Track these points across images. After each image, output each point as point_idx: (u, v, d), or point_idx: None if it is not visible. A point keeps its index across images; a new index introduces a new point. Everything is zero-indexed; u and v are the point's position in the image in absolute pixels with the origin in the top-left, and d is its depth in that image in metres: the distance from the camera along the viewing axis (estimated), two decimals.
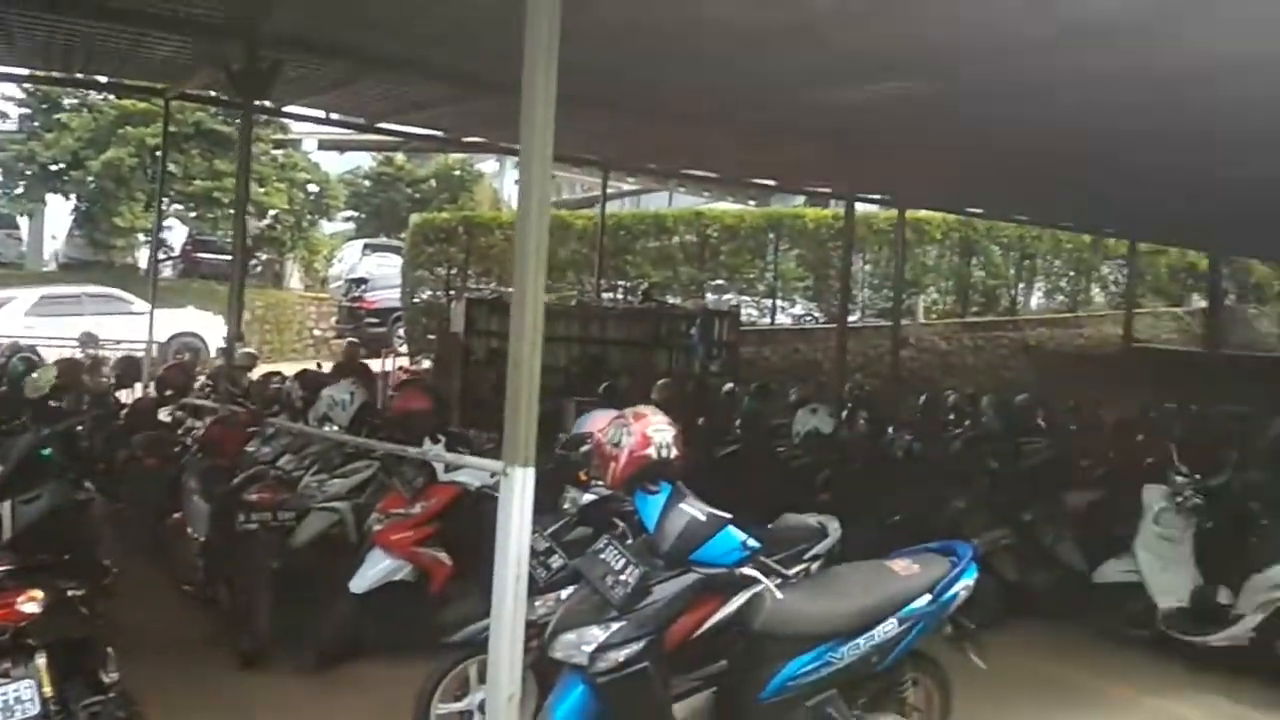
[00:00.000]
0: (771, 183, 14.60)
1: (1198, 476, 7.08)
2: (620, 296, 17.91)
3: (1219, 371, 16.07)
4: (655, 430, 4.18)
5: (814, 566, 5.03)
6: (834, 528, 5.28)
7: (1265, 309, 23.04)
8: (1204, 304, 21.14)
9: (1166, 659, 6.69)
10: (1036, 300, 21.98)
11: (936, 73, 7.86)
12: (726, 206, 20.39)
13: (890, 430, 10.83)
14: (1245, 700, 6.02)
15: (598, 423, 4.85)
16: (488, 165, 30.43)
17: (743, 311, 17.90)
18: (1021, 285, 21.57)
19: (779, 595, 3.95)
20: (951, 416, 13.97)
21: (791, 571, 4.75)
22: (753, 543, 4.04)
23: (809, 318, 19.51)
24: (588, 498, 4.74)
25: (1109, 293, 22.15)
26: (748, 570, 3.99)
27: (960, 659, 4.49)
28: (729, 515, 4.06)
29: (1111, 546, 7.36)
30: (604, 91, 9.23)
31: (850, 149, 10.86)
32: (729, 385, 13.67)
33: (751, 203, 21.57)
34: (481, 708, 4.13)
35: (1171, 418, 14.91)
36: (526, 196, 3.76)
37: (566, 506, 4.83)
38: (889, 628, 4.12)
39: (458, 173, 28.99)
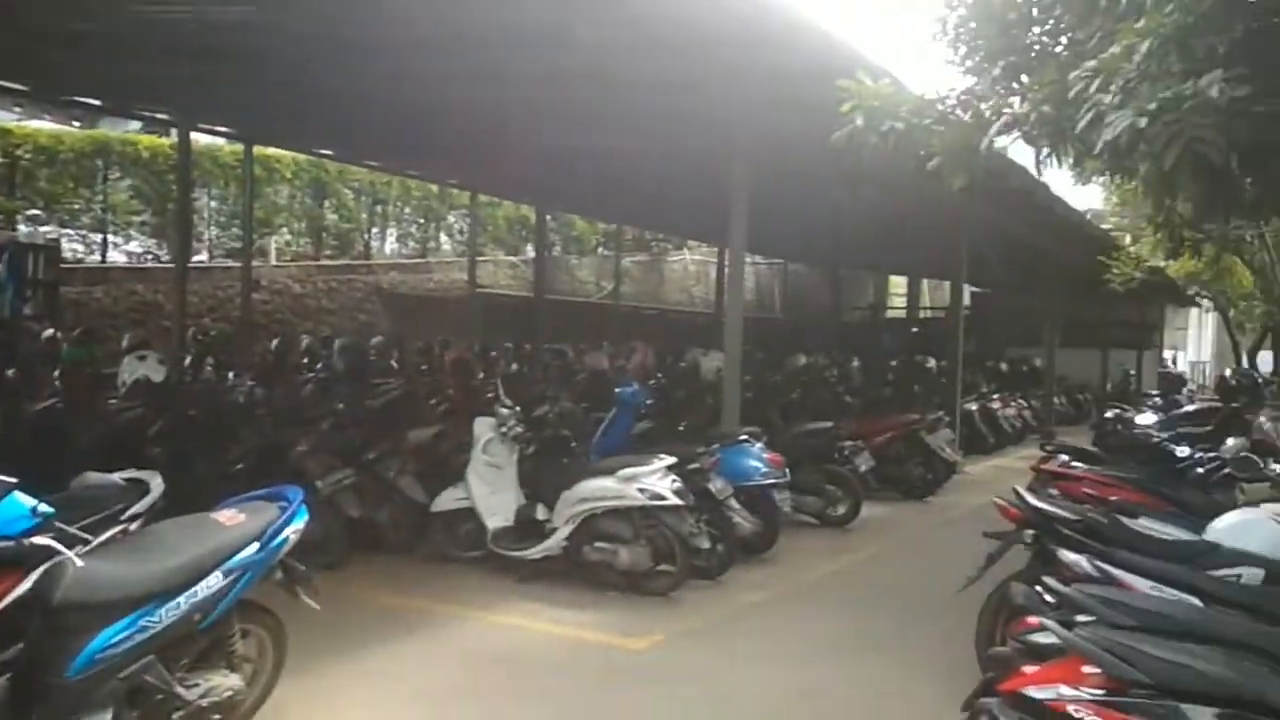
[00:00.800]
0: (97, 102, 12.85)
1: (518, 409, 7.82)
2: None
3: (547, 315, 18.07)
4: None
5: (133, 526, 4.58)
6: (156, 484, 4.85)
7: (584, 259, 26.50)
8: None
9: (498, 576, 7.33)
10: (390, 245, 22.61)
11: (280, 5, 7.54)
12: (42, 125, 17.57)
13: (232, 376, 10.34)
14: (561, 604, 6.80)
15: None
16: None
17: (67, 247, 15.74)
18: (375, 230, 22.01)
19: (79, 563, 3.48)
20: (305, 360, 13.85)
21: (106, 535, 4.30)
22: (45, 508, 3.53)
23: (148, 256, 17.77)
24: None
25: (455, 241, 23.58)
26: (39, 540, 3.45)
27: (294, 601, 4.44)
28: (13, 480, 3.49)
29: (448, 477, 7.87)
30: None
31: (187, 73, 9.98)
32: (49, 331, 12.00)
33: (76, 124, 18.88)
34: None
35: (504, 356, 16.50)
36: None
37: None
38: (213, 582, 3.90)
39: None
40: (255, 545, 4.06)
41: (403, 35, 7.69)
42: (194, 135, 14.00)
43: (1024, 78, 5.44)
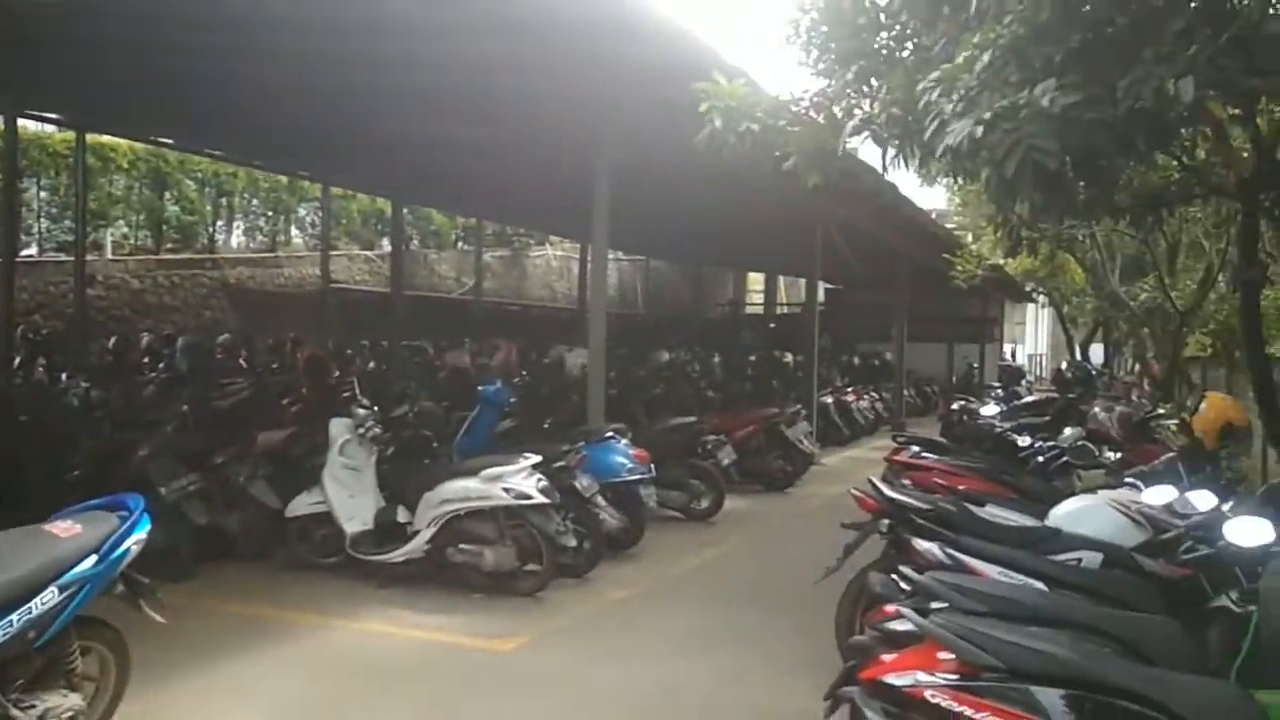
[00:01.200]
0: None
1: (375, 409, 7.61)
2: None
3: (406, 311, 17.65)
4: None
5: None
6: None
7: (444, 254, 26.02)
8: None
9: (358, 582, 7.13)
10: (236, 239, 21.65)
11: None
12: None
13: (66, 377, 9.73)
14: (425, 608, 6.67)
15: None
16: None
17: None
18: (220, 223, 21.03)
19: None
20: (146, 360, 13.18)
21: None
22: None
23: None
24: None
25: (307, 234, 22.79)
26: None
27: (138, 615, 4.20)
28: None
29: (303, 480, 7.60)
30: None
31: (13, 56, 9.28)
32: None
33: None
34: None
35: (361, 354, 16.08)
36: None
37: None
38: (48, 597, 3.68)
39: None
40: (93, 558, 3.83)
41: (241, 15, 7.33)
42: (21, 122, 13.07)
43: (874, 81, 5.60)
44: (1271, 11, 3.71)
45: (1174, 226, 12.03)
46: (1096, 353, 22.20)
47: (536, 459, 7.03)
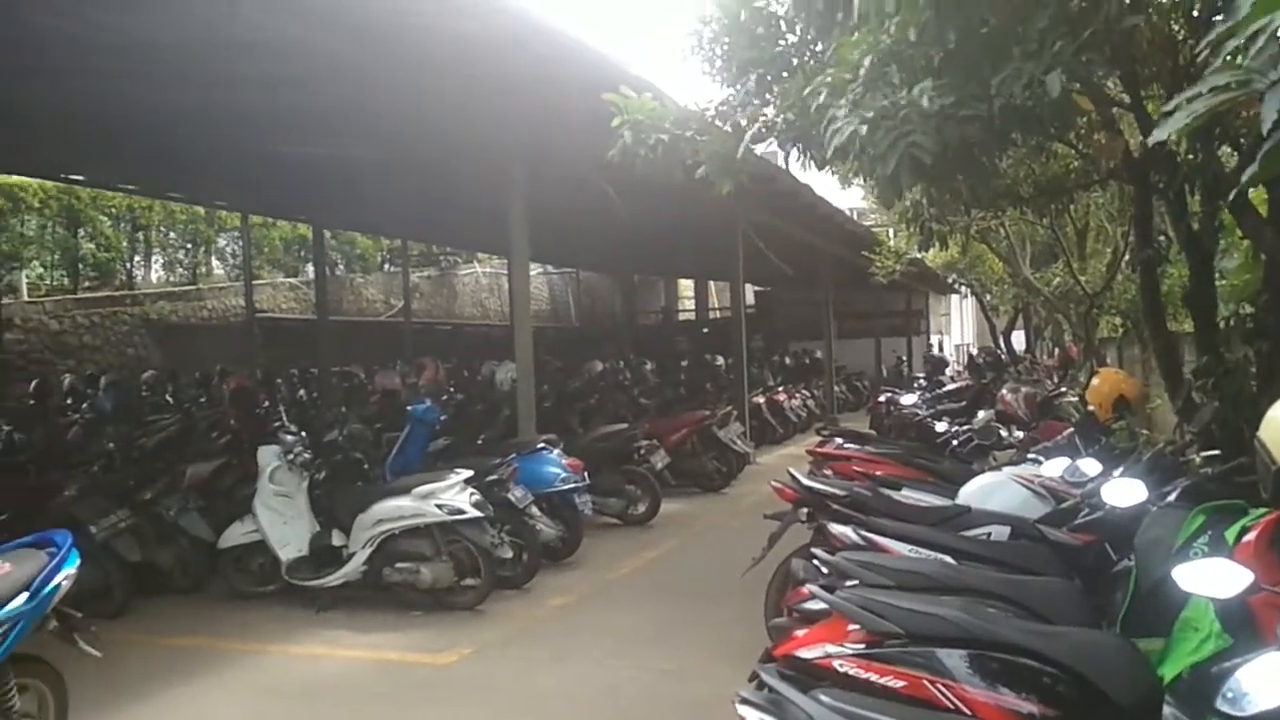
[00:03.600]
0: None
1: (305, 435, 7.62)
2: None
3: (334, 337, 17.51)
4: None
5: None
6: None
7: (370, 277, 25.83)
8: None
9: (296, 608, 7.14)
10: (156, 274, 21.27)
11: None
12: None
13: None
14: (365, 628, 6.71)
15: None
16: None
17: None
18: (138, 258, 20.64)
19: None
20: (69, 400, 12.96)
21: None
22: None
23: None
24: None
25: (228, 264, 22.47)
26: None
27: (75, 652, 4.21)
28: None
29: (235, 511, 7.58)
30: None
31: None
32: None
33: None
34: None
35: (289, 382, 15.94)
36: None
37: None
38: None
39: None
40: (24, 595, 3.85)
41: (144, 41, 7.30)
42: None
43: (775, 88, 5.81)
44: (1127, 2, 3.97)
45: (1080, 212, 12.50)
46: (1019, 339, 22.82)
47: (468, 474, 7.11)
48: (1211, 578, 2.42)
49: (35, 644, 4.14)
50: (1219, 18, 3.40)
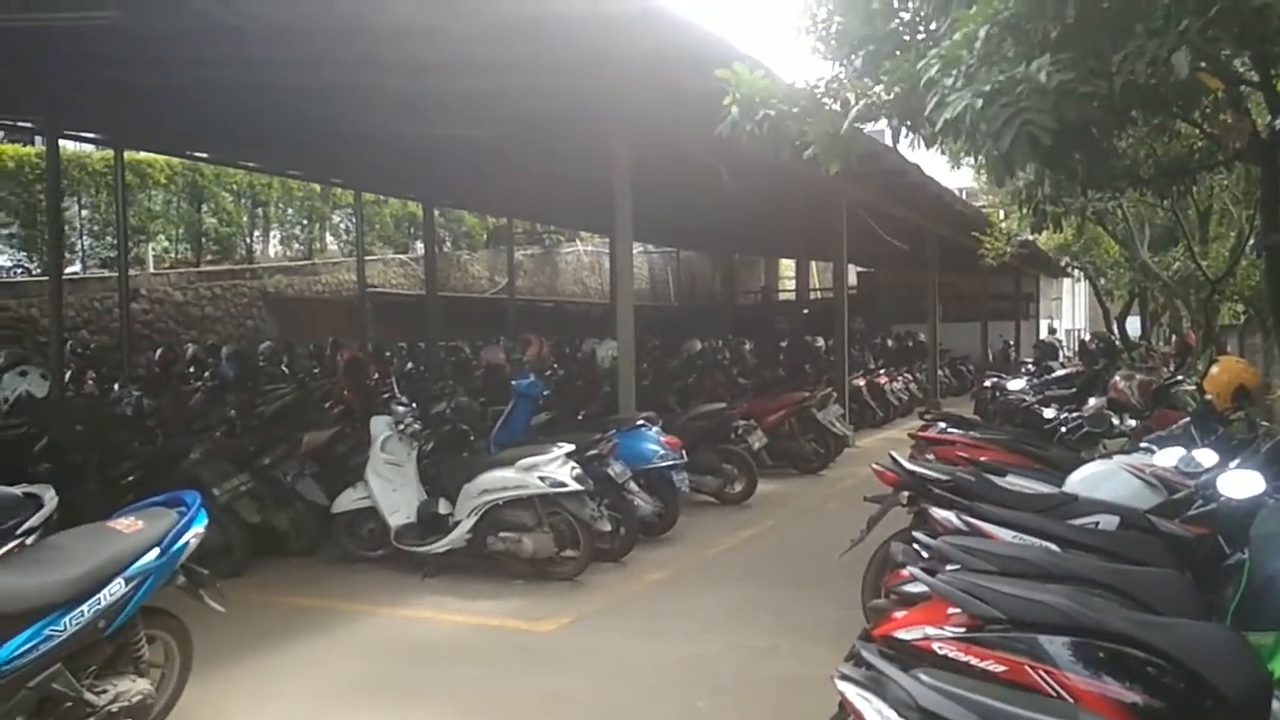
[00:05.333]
0: None
1: (414, 406, 7.86)
2: None
3: (441, 312, 17.94)
4: None
5: (30, 540, 4.52)
6: (49, 497, 4.76)
7: (476, 254, 26.35)
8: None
9: (404, 573, 7.40)
10: (274, 248, 22.09)
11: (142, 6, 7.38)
12: None
13: (117, 388, 10.11)
14: (468, 595, 6.91)
15: None
16: None
17: None
18: (257, 233, 21.48)
19: None
20: (192, 369, 13.57)
21: (3, 550, 4.25)
22: None
23: (19, 269, 17.04)
24: None
25: (342, 240, 23.18)
26: None
27: (200, 607, 4.46)
28: None
29: (348, 477, 7.88)
30: None
31: (51, 79, 9.65)
32: None
33: None
34: None
35: (399, 355, 16.41)
36: None
37: None
38: (115, 589, 3.93)
39: None
40: (156, 551, 4.08)
41: (268, 28, 7.58)
42: (61, 142, 13.50)
43: (886, 65, 5.73)
44: None
45: (1203, 195, 11.98)
46: (1134, 325, 21.99)
47: (570, 448, 7.24)
48: None
49: (163, 598, 4.36)
50: None
